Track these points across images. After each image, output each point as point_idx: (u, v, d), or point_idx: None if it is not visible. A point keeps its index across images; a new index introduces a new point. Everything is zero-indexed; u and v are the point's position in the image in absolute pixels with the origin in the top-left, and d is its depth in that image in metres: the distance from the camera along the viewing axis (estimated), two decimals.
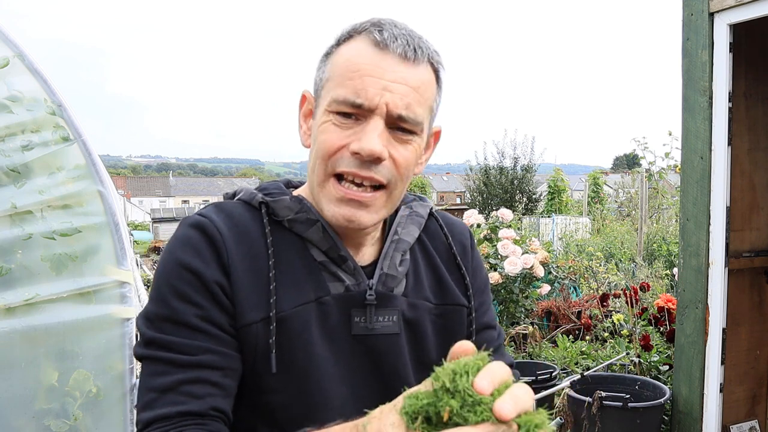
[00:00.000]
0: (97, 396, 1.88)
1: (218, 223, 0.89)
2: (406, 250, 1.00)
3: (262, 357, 0.87)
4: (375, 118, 0.85)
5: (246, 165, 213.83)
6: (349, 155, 0.86)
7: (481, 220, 5.08)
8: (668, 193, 11.19)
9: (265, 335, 0.86)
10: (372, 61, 0.86)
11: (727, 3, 2.82)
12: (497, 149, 20.65)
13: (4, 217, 1.80)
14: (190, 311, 0.84)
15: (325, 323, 0.90)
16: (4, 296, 1.76)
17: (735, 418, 3.20)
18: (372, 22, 0.90)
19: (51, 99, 1.94)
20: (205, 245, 0.87)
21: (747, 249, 3.25)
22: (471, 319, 1.03)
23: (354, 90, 0.85)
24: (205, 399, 0.82)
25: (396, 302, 0.95)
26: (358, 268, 0.94)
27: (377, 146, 0.84)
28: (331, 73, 0.89)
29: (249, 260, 0.88)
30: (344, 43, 0.91)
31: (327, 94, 0.89)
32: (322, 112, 0.89)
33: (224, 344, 0.85)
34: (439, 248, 1.06)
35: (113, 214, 1.96)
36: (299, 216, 0.93)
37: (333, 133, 0.87)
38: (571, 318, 4.79)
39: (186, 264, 0.85)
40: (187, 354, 0.83)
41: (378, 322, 0.93)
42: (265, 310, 0.87)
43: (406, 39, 0.87)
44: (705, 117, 2.94)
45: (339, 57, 0.90)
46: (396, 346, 0.94)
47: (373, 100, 0.84)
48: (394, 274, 0.96)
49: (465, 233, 1.11)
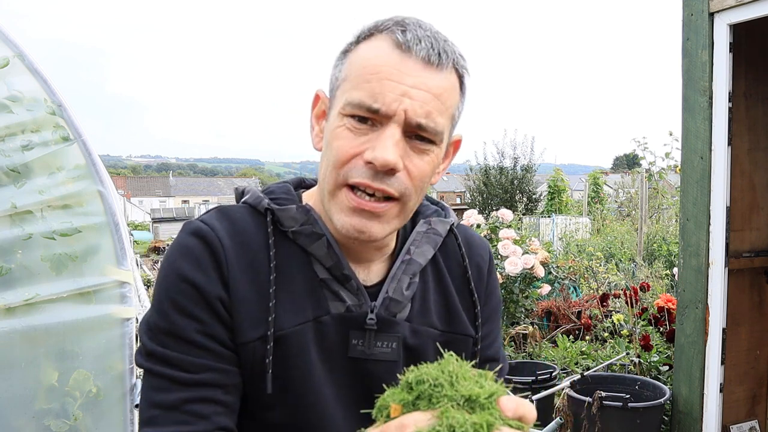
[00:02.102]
0: (97, 396, 1.88)
1: (220, 231, 0.86)
2: (416, 272, 0.94)
3: (258, 376, 0.84)
4: (392, 125, 0.80)
5: (246, 165, 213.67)
6: (362, 164, 0.81)
7: (481, 220, 5.08)
8: (668, 193, 11.19)
9: (261, 354, 0.84)
10: (392, 63, 0.80)
11: (727, 3, 2.82)
12: (497, 149, 20.67)
13: (4, 217, 1.80)
14: (191, 326, 0.82)
15: (322, 343, 0.87)
16: (4, 296, 1.76)
17: (735, 418, 3.20)
18: (395, 21, 0.84)
19: (51, 99, 1.94)
20: (205, 256, 0.84)
21: (747, 249, 3.25)
22: (476, 350, 0.99)
23: (371, 93, 0.79)
24: (211, 418, 0.81)
25: (397, 329, 0.91)
26: (362, 289, 0.90)
27: (392, 157, 0.79)
28: (348, 73, 0.84)
29: (250, 273, 0.85)
30: (364, 41, 0.85)
31: (342, 95, 0.83)
32: (335, 114, 0.84)
33: (225, 360, 0.84)
34: (454, 269, 1.00)
35: (113, 214, 1.96)
36: (304, 228, 0.89)
37: (346, 139, 0.82)
38: (571, 318, 4.79)
39: (185, 276, 0.83)
40: (188, 372, 0.81)
41: (376, 347, 0.89)
42: (263, 328, 0.84)
43: (430, 42, 0.82)
44: (705, 117, 2.94)
45: (357, 56, 0.84)
46: (392, 373, 0.88)
47: (390, 106, 0.79)
48: (398, 299, 0.91)
49: (484, 255, 1.05)
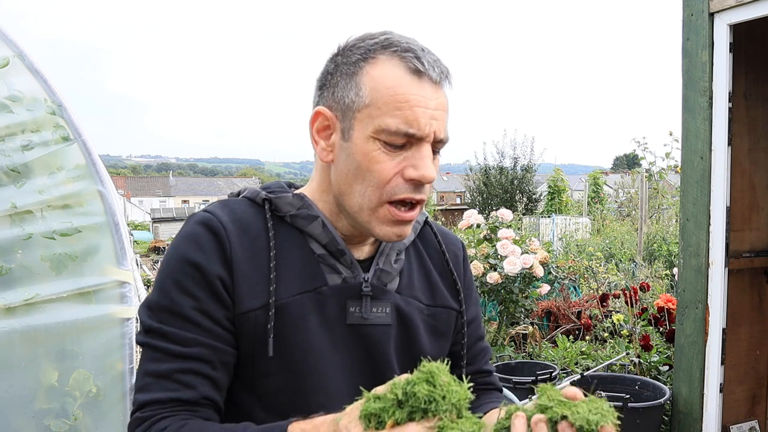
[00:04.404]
0: (97, 396, 1.88)
1: (222, 217, 0.95)
2: (401, 250, 1.06)
3: (260, 342, 0.92)
4: (425, 145, 0.92)
5: (246, 165, 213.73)
6: (402, 182, 0.92)
7: (481, 220, 5.07)
8: (668, 193, 11.18)
9: (264, 321, 0.92)
10: (416, 91, 0.91)
11: (727, 3, 2.82)
12: (497, 149, 20.67)
13: (4, 217, 1.80)
14: (188, 303, 0.90)
15: (322, 312, 0.96)
16: (4, 296, 1.76)
17: (735, 418, 3.20)
18: (402, 47, 0.92)
19: (51, 99, 1.94)
20: (208, 239, 0.92)
21: (747, 249, 3.25)
22: (463, 322, 1.11)
23: (406, 121, 0.89)
24: (197, 388, 0.89)
25: (389, 296, 1.01)
26: (355, 262, 1.00)
27: (434, 174, 0.92)
28: (372, 100, 0.91)
29: (251, 252, 0.94)
30: (371, 63, 0.93)
31: (370, 120, 0.91)
32: (366, 137, 0.92)
33: (216, 338, 0.91)
34: (432, 254, 1.13)
35: (113, 214, 1.96)
36: (301, 212, 0.99)
37: (386, 162, 0.91)
38: (571, 318, 4.79)
39: (188, 258, 0.91)
40: (180, 345, 0.89)
41: (372, 312, 0.99)
42: (264, 297, 0.92)
43: (435, 63, 0.93)
44: (705, 117, 2.94)
45: (377, 82, 0.91)
46: (387, 336, 1.00)
47: (424, 130, 0.90)
48: (389, 270, 1.03)
49: (458, 245, 1.19)
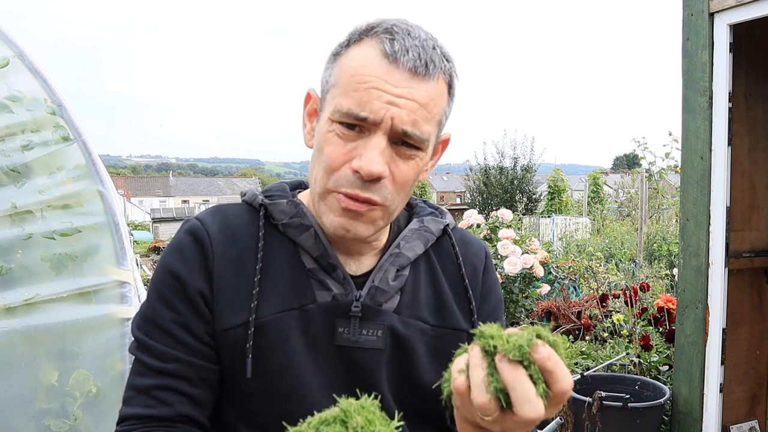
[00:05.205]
0: (97, 396, 1.88)
1: (210, 226, 0.91)
2: (404, 265, 0.96)
3: (239, 362, 0.87)
4: (378, 133, 0.82)
5: (246, 165, 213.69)
6: (350, 173, 0.84)
7: (481, 220, 5.07)
8: (668, 193, 11.18)
9: (243, 340, 0.87)
10: (379, 73, 0.82)
11: (727, 3, 2.82)
12: (497, 149, 20.69)
13: (4, 217, 1.80)
14: (168, 316, 0.87)
15: (307, 332, 0.89)
16: (4, 296, 1.76)
17: (735, 418, 3.20)
18: (384, 28, 0.85)
19: (51, 99, 1.94)
20: (192, 250, 0.89)
21: (747, 249, 3.25)
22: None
23: (359, 102, 0.82)
24: (173, 406, 0.85)
25: (383, 317, 0.92)
26: (348, 278, 0.92)
27: (377, 167, 0.82)
28: (338, 79, 0.86)
29: (235, 264, 0.89)
30: (354, 45, 0.86)
31: (332, 100, 0.85)
32: (325, 119, 0.86)
33: (196, 354, 0.87)
34: (448, 269, 1.02)
35: (113, 214, 1.96)
36: (293, 221, 0.93)
37: (336, 145, 0.84)
38: (571, 318, 4.79)
39: (171, 269, 0.88)
40: (160, 360, 0.86)
41: (362, 335, 0.91)
42: (245, 314, 0.87)
43: (418, 52, 0.83)
44: (705, 117, 2.94)
45: (346, 62, 0.86)
46: (378, 361, 0.91)
47: (378, 114, 0.81)
48: (384, 288, 0.93)
49: (480, 254, 1.07)
